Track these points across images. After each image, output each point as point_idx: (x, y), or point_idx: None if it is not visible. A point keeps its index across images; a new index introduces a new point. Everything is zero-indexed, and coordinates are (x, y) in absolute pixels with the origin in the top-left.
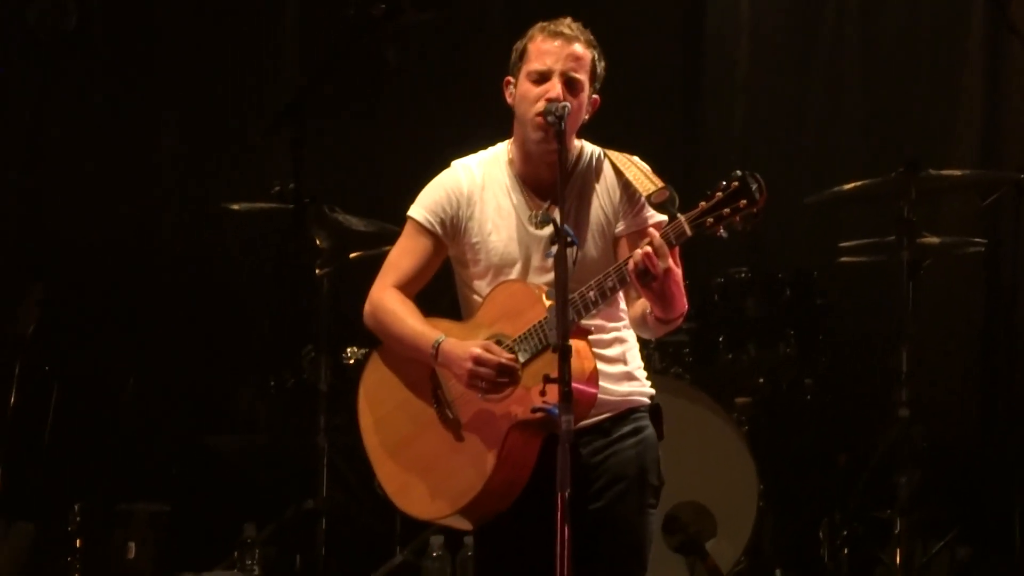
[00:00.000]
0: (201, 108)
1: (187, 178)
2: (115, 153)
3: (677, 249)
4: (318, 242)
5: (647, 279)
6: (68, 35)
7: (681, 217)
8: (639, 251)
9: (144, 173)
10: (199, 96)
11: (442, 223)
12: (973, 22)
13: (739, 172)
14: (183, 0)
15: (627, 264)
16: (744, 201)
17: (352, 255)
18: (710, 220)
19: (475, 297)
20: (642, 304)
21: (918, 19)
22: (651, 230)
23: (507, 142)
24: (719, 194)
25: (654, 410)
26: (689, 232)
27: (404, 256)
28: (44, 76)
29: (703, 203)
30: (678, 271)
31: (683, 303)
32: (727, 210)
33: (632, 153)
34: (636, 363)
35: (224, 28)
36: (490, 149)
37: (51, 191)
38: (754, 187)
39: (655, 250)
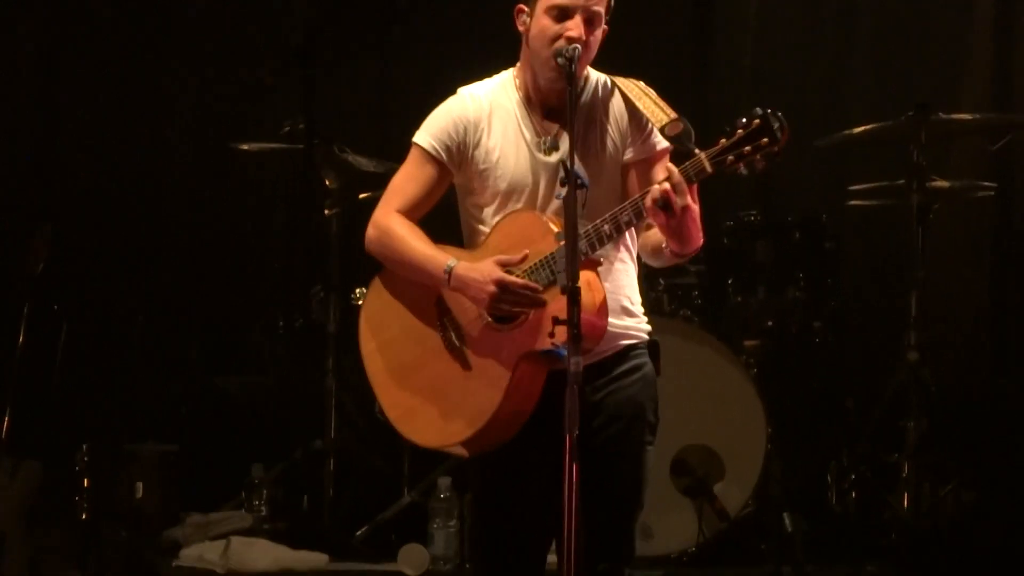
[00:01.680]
0: (211, 47)
1: (197, 118)
2: (125, 93)
3: (696, 185)
4: (327, 182)
5: (666, 215)
6: None
7: (701, 154)
8: (657, 187)
9: (153, 112)
10: (209, 35)
11: (448, 150)
12: None
13: (759, 110)
14: None
15: (644, 199)
16: (766, 139)
17: (361, 195)
18: (731, 158)
19: (481, 227)
20: (657, 235)
21: None
22: (670, 166)
23: (513, 68)
24: (740, 131)
25: (652, 346)
26: (710, 170)
27: (409, 182)
28: (54, 16)
29: (723, 140)
30: (696, 207)
31: (699, 238)
32: (748, 148)
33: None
34: (636, 296)
35: None
36: (496, 76)
37: (60, 131)
38: (776, 126)
39: (674, 187)
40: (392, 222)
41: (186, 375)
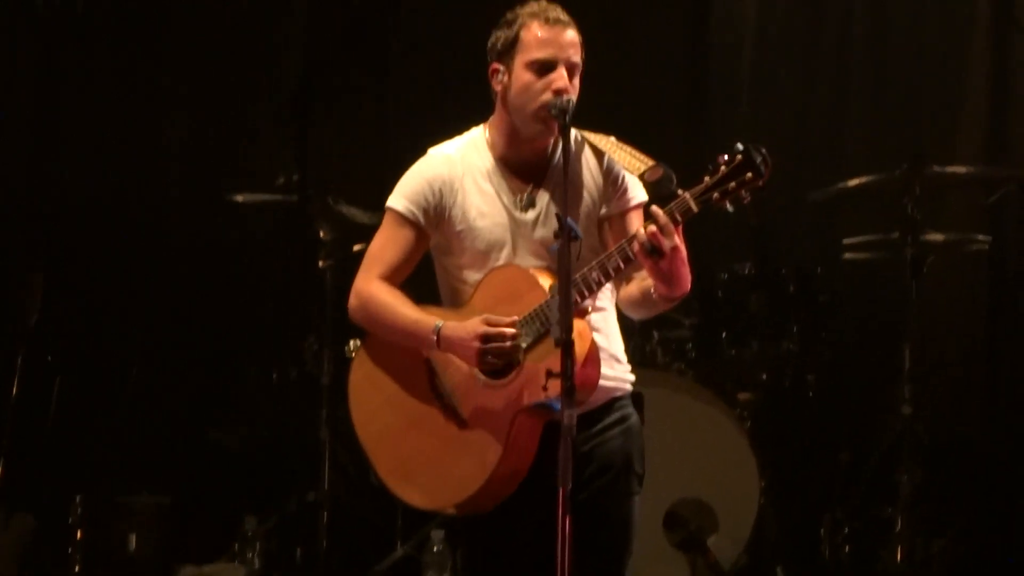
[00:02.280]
0: (207, 98)
1: (191, 168)
2: (119, 142)
3: (681, 226)
4: (321, 234)
5: (655, 258)
6: (75, 20)
7: (686, 193)
8: (643, 231)
9: (148, 162)
10: (205, 85)
11: (425, 212)
12: (979, 18)
13: (740, 145)
14: None
15: (631, 244)
16: (750, 174)
17: (356, 247)
18: (716, 195)
19: (463, 286)
20: (641, 284)
21: (924, 15)
22: (655, 208)
23: (483, 126)
24: (723, 168)
25: (636, 397)
26: (695, 208)
27: (387, 247)
28: (50, 63)
29: (707, 178)
30: (683, 249)
31: (688, 279)
32: (733, 184)
33: (636, 148)
34: (619, 346)
35: (231, 16)
36: (465, 135)
37: (54, 180)
38: (758, 159)
39: (661, 228)
40: (374, 289)
41: (180, 427)
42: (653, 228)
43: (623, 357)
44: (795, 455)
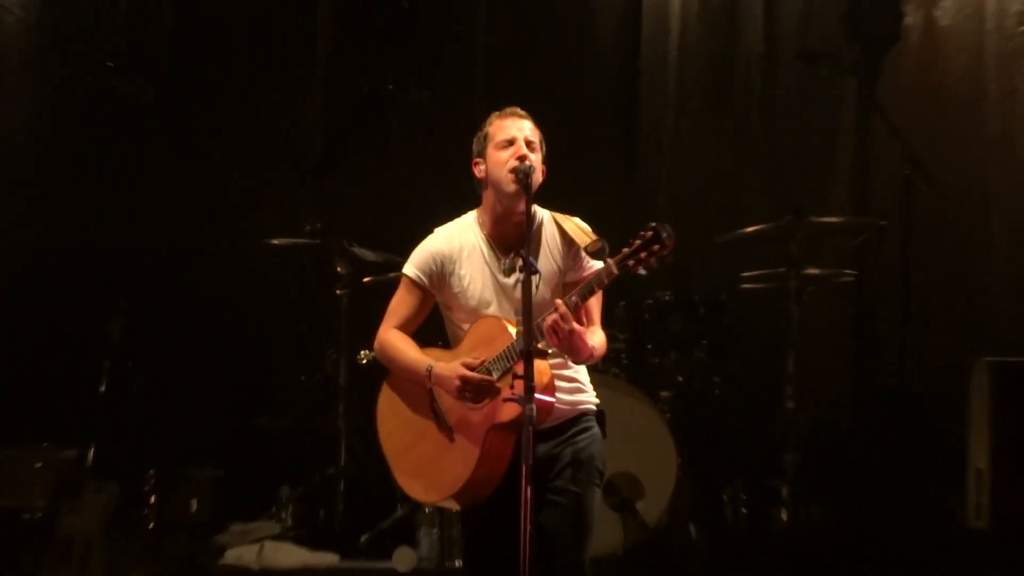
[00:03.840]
0: (250, 165)
1: (238, 217)
2: (185, 197)
3: (601, 293)
4: (339, 269)
5: (557, 338)
6: (146, 105)
7: (610, 261)
8: (549, 317)
9: (206, 212)
10: (248, 156)
11: (430, 278)
12: (848, 97)
13: (652, 224)
14: (232, 78)
15: (543, 321)
16: (657, 246)
17: (365, 280)
18: (631, 262)
19: (460, 332)
20: None
21: (806, 92)
22: (558, 301)
23: (474, 212)
24: (637, 241)
25: (599, 415)
26: (616, 272)
27: (401, 305)
28: (130, 138)
29: (625, 249)
30: (580, 328)
31: (586, 351)
32: (644, 254)
33: (583, 200)
34: (584, 378)
35: (267, 104)
36: (461, 219)
37: (137, 226)
38: (664, 235)
39: (561, 316)
40: (390, 336)
41: (231, 415)
42: (555, 316)
43: (588, 386)
44: (704, 439)
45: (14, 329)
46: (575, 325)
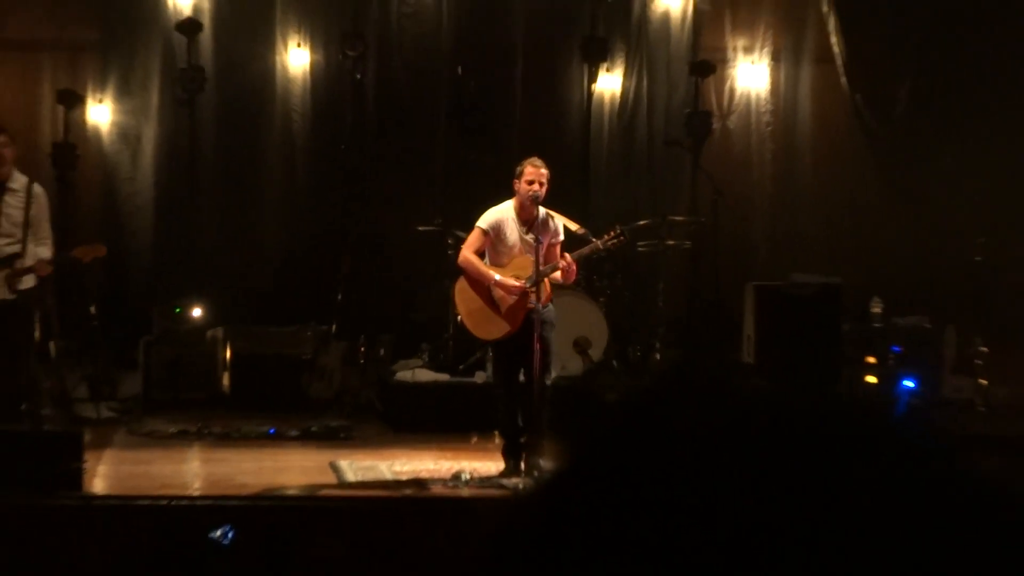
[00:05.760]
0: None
1: (406, 209)
2: (377, 196)
3: (579, 261)
4: (449, 241)
5: (565, 273)
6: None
7: (598, 242)
8: (566, 260)
9: (389, 208)
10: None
11: (491, 230)
12: (687, 162)
13: (620, 227)
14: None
15: (554, 256)
16: (621, 238)
17: (449, 241)
18: (611, 244)
19: (503, 260)
20: (555, 278)
21: (670, 158)
22: (567, 256)
23: (511, 200)
24: (613, 233)
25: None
26: (601, 247)
27: (475, 242)
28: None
29: (606, 236)
30: (574, 267)
31: (573, 279)
32: (614, 242)
33: (572, 219)
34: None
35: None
36: (505, 203)
37: (354, 210)
38: (626, 233)
39: (570, 263)
40: (469, 256)
41: (399, 312)
42: (567, 263)
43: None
44: (619, 321)
45: (306, 262)
46: (572, 265)
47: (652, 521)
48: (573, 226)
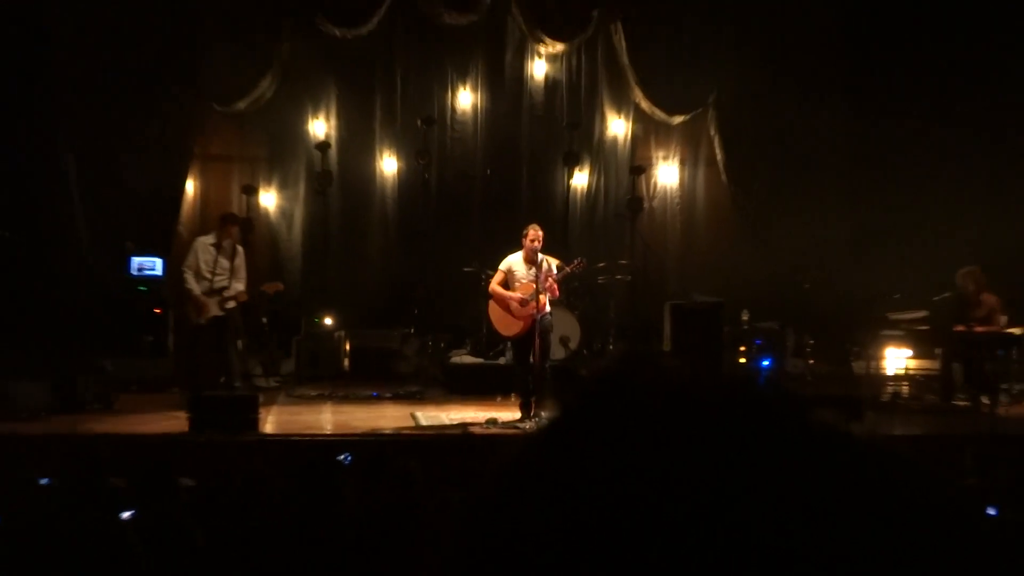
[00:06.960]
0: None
1: (461, 253)
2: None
3: (559, 283)
4: (483, 276)
5: (551, 291)
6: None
7: (568, 267)
8: (546, 284)
9: (456, 254)
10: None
11: (505, 270)
12: (629, 230)
13: (581, 258)
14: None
15: (546, 283)
16: (583, 266)
17: (465, 269)
18: (575, 270)
19: (516, 286)
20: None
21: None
22: (552, 280)
23: (520, 251)
24: (577, 261)
25: (551, 313)
26: (570, 270)
27: (498, 277)
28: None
29: (573, 263)
30: (556, 287)
31: (557, 295)
32: (578, 269)
33: (559, 260)
34: (547, 301)
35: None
36: (517, 252)
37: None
38: (585, 262)
39: (554, 283)
40: (494, 286)
41: (449, 316)
42: (552, 283)
43: (548, 305)
44: (588, 324)
45: (396, 290)
46: (556, 286)
47: (619, 453)
48: (556, 263)
